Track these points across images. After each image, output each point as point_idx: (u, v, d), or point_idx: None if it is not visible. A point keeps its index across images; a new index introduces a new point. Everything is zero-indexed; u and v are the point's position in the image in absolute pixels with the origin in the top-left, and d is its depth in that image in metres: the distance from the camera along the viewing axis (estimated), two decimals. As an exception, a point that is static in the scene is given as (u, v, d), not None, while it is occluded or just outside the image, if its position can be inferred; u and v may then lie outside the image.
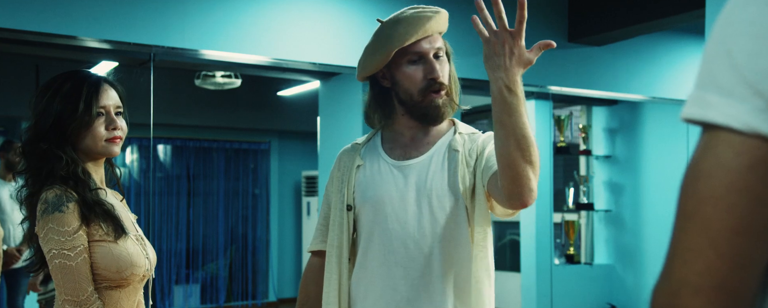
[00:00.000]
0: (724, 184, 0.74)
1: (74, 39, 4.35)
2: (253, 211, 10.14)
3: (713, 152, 0.76)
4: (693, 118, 0.78)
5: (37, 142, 2.10)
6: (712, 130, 0.76)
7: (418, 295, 2.12)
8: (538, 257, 7.23)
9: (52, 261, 1.99)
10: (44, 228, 2.00)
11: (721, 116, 0.75)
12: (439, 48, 2.18)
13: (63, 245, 1.98)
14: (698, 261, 0.75)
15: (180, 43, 4.61)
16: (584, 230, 7.92)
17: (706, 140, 0.77)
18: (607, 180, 7.88)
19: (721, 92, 0.75)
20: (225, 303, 9.82)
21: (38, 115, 2.11)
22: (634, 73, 6.45)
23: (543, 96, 6.58)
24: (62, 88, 2.12)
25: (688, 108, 0.79)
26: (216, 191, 9.89)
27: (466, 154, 2.15)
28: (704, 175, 0.76)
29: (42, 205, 2.02)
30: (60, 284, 1.98)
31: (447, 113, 2.19)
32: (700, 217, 0.75)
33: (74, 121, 2.10)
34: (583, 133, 7.84)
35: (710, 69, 0.77)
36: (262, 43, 4.86)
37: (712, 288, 0.74)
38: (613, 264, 7.82)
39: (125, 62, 5.01)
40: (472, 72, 5.67)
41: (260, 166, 10.20)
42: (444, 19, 2.22)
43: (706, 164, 0.76)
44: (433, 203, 2.14)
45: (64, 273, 1.97)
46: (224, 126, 9.68)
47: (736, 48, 0.75)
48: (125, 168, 9.45)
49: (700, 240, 0.75)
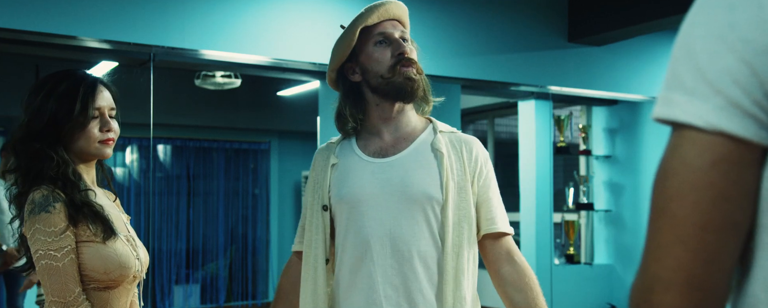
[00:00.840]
0: (688, 181, 0.76)
1: (74, 39, 4.35)
2: (253, 211, 10.14)
3: (679, 151, 0.78)
4: (660, 118, 0.81)
5: (30, 141, 2.08)
6: (678, 128, 0.79)
7: (397, 294, 2.10)
8: (538, 257, 7.23)
9: (38, 262, 1.98)
10: (31, 229, 1.99)
11: (684, 114, 0.78)
12: (403, 31, 2.15)
13: (49, 245, 1.97)
14: (668, 258, 0.77)
15: (180, 43, 4.61)
16: (584, 230, 7.92)
17: (673, 139, 0.80)
18: (607, 180, 7.88)
19: (685, 91, 0.78)
20: (225, 303, 9.82)
21: (32, 114, 2.09)
22: (634, 73, 6.46)
23: (543, 96, 6.59)
24: (58, 88, 2.10)
25: (657, 107, 0.82)
26: (216, 191, 9.89)
27: (452, 159, 2.12)
28: (670, 173, 0.79)
29: (29, 206, 2.01)
30: (47, 285, 1.97)
31: (419, 89, 2.15)
32: (668, 214, 0.78)
33: (69, 122, 2.08)
34: (583, 133, 7.84)
35: (675, 69, 0.80)
36: (262, 43, 4.86)
37: (683, 283, 0.75)
38: (613, 264, 7.82)
39: (125, 62, 5.01)
40: (471, 72, 5.67)
41: (260, 166, 10.20)
42: (404, 10, 2.19)
43: (672, 162, 0.79)
44: (411, 202, 2.10)
45: (50, 273, 1.96)
46: (224, 126, 9.68)
47: (697, 48, 0.78)
48: (125, 168, 9.46)
49: (669, 236, 0.77)
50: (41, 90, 2.10)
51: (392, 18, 2.17)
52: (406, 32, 2.17)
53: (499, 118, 9.81)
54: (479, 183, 2.11)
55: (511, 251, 2.13)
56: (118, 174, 9.38)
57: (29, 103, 2.11)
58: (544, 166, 7.06)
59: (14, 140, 2.11)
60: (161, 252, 9.30)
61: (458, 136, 2.18)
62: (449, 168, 2.10)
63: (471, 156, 2.13)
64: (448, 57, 5.53)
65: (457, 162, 2.12)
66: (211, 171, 9.89)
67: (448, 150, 2.13)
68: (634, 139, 7.66)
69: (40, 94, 2.10)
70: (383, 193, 2.13)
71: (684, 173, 0.77)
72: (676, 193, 0.77)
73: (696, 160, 0.76)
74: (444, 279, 2.09)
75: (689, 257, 0.75)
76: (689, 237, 0.75)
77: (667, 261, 0.76)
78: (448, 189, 2.08)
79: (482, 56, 5.70)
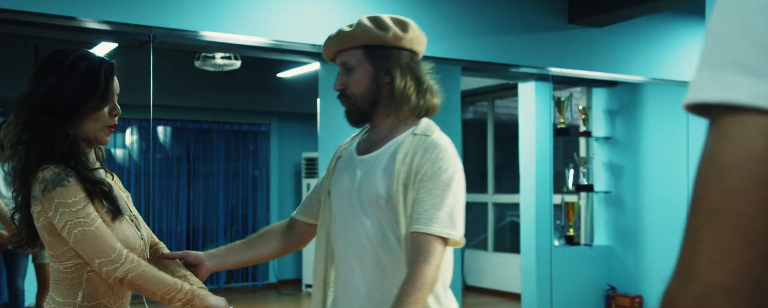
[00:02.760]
0: (756, 175, 0.67)
1: (74, 20, 4.34)
2: (253, 193, 10.15)
3: (740, 141, 0.68)
4: (711, 101, 0.70)
5: (42, 116, 2.07)
6: (733, 114, 0.69)
7: (368, 288, 2.23)
8: (537, 238, 7.24)
9: (71, 234, 1.98)
10: (52, 206, 1.99)
11: (750, 97, 0.67)
12: (342, 62, 2.32)
13: (76, 215, 1.98)
14: (732, 261, 0.67)
15: (180, 24, 4.60)
16: (584, 211, 7.93)
17: (728, 127, 0.69)
18: (607, 161, 7.88)
19: (745, 71, 0.68)
20: (225, 284, 9.85)
21: (48, 90, 2.06)
22: (634, 55, 6.44)
23: (543, 77, 6.58)
24: (77, 67, 2.09)
25: (698, 91, 0.72)
26: (216, 173, 9.90)
27: (408, 160, 2.19)
28: (732, 167, 0.68)
29: (40, 185, 2.00)
30: (88, 251, 1.99)
31: (353, 119, 2.34)
32: (731, 214, 0.68)
33: (88, 102, 2.09)
34: (583, 114, 7.84)
35: (725, 49, 0.70)
36: (261, 25, 4.85)
37: (748, 290, 0.67)
38: (613, 246, 7.84)
39: (125, 43, 5.00)
40: (471, 54, 5.66)
41: (260, 148, 10.20)
42: (332, 44, 2.35)
43: (733, 154, 0.68)
44: (368, 201, 2.22)
45: (86, 239, 1.98)
46: (224, 107, 9.68)
47: (757, 23, 0.68)
48: (125, 150, 9.46)
49: (734, 238, 0.67)
50: (58, 67, 2.09)
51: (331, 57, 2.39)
52: (345, 61, 2.31)
53: (499, 100, 9.80)
54: (419, 182, 2.15)
55: (420, 253, 2.09)
56: (118, 156, 9.38)
57: (44, 79, 2.08)
58: (544, 148, 7.05)
59: (24, 114, 2.09)
60: (161, 234, 9.31)
61: (425, 140, 2.23)
62: (401, 168, 2.18)
63: (423, 158, 2.18)
64: (448, 39, 5.52)
65: (412, 162, 2.18)
66: (211, 152, 9.90)
67: (408, 151, 2.20)
68: (635, 120, 7.66)
69: (57, 72, 2.08)
70: (351, 191, 2.28)
71: (750, 166, 0.67)
72: (740, 189, 0.67)
73: (765, 150, 0.66)
74: (396, 271, 2.17)
75: (757, 259, 0.67)
76: (759, 237, 0.66)
77: (730, 265, 0.67)
78: (397, 188, 2.16)
79: (482, 38, 5.69)
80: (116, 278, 1.99)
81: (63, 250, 2.05)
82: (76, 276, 2.07)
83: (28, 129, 2.07)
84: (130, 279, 2.00)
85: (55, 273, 2.11)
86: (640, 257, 7.59)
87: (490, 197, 9.72)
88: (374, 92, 2.27)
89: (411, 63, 2.28)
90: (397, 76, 2.24)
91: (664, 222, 7.24)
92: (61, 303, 2.07)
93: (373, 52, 2.26)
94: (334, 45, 2.33)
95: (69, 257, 2.06)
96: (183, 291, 2.07)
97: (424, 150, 2.19)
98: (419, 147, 2.20)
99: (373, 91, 2.27)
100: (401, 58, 2.26)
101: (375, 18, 2.28)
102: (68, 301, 2.07)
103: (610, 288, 7.69)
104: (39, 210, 2.02)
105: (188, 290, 2.08)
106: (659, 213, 7.39)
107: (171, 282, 2.06)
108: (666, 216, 7.23)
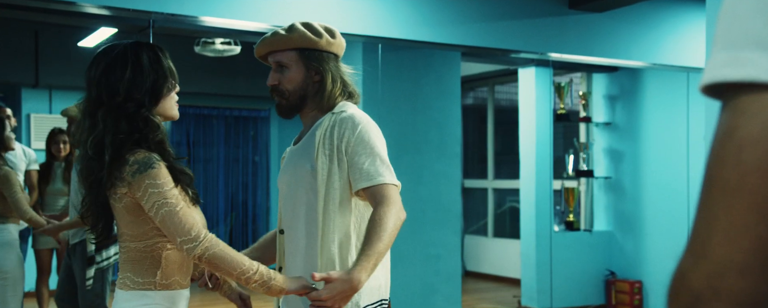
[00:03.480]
0: None
1: (73, 5, 4.33)
2: (253, 178, 10.16)
3: (759, 117, 0.67)
4: (730, 80, 0.69)
5: (130, 108, 2.23)
6: (753, 92, 0.68)
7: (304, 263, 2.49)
8: (537, 224, 7.26)
9: (157, 214, 2.14)
10: (142, 187, 2.14)
11: (766, 73, 0.66)
12: (277, 61, 2.59)
13: (164, 195, 2.14)
14: (746, 239, 0.67)
15: (179, 9, 4.59)
16: (584, 197, 7.94)
17: (745, 104, 0.68)
18: (607, 147, 7.89)
19: (761, 48, 0.67)
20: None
21: (129, 84, 2.23)
22: (634, 40, 6.43)
23: (543, 63, 6.57)
24: (141, 58, 2.28)
25: (716, 70, 0.70)
26: (216, 158, 9.91)
27: (327, 135, 2.48)
28: (748, 143, 0.67)
29: (131, 167, 2.15)
30: (171, 230, 2.14)
31: (284, 112, 2.63)
32: (746, 190, 0.67)
33: (166, 85, 2.33)
34: (583, 100, 7.84)
35: (742, 27, 0.69)
36: (261, 10, 4.84)
37: (762, 267, 0.67)
38: (613, 231, 7.86)
39: (124, 29, 4.99)
40: (471, 39, 5.65)
41: (260, 134, 10.20)
42: (264, 45, 2.59)
43: (750, 130, 0.67)
44: (301, 178, 2.51)
45: (171, 218, 2.13)
46: (224, 93, 9.67)
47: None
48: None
49: (749, 215, 0.67)
50: (123, 61, 2.25)
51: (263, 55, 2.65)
52: (279, 60, 2.58)
53: (499, 86, 9.79)
54: (348, 150, 2.44)
55: (379, 199, 2.36)
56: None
57: (120, 77, 2.23)
58: (544, 133, 7.06)
59: (104, 111, 2.22)
60: (162, 219, 9.32)
61: (340, 115, 2.52)
62: (321, 141, 2.48)
63: (340, 130, 2.47)
64: (448, 24, 5.52)
65: (330, 136, 2.47)
66: (211, 138, 9.90)
67: (326, 127, 2.50)
68: (635, 105, 7.66)
69: (127, 66, 2.24)
70: (290, 177, 2.60)
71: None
72: (757, 166, 0.66)
73: None
74: (318, 235, 2.45)
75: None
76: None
77: (744, 242, 0.67)
78: (317, 159, 2.46)
79: (482, 23, 5.68)
80: (195, 255, 2.14)
81: (145, 230, 2.21)
82: (156, 256, 2.24)
83: (115, 124, 2.21)
84: (207, 257, 2.14)
85: (131, 253, 2.25)
86: (639, 242, 7.60)
87: (490, 183, 9.73)
88: (304, 89, 2.57)
89: (337, 65, 2.59)
90: (328, 76, 2.55)
91: (664, 207, 7.26)
92: (140, 282, 2.23)
93: (307, 54, 2.55)
94: (269, 46, 2.58)
95: (150, 236, 2.22)
96: (259, 273, 2.19)
97: (340, 123, 2.48)
98: (335, 122, 2.49)
99: (303, 88, 2.57)
100: (329, 61, 2.57)
101: (308, 24, 2.56)
102: (147, 280, 2.23)
103: (609, 273, 7.72)
104: (125, 192, 2.17)
105: (264, 272, 2.20)
106: (659, 198, 7.40)
107: (247, 263, 2.19)
108: (666, 202, 7.24)
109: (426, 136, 6.26)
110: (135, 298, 2.23)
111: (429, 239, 6.34)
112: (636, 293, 7.46)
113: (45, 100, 8.19)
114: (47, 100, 8.20)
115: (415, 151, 6.22)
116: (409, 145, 6.18)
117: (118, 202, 2.20)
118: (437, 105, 6.34)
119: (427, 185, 6.30)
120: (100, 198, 2.23)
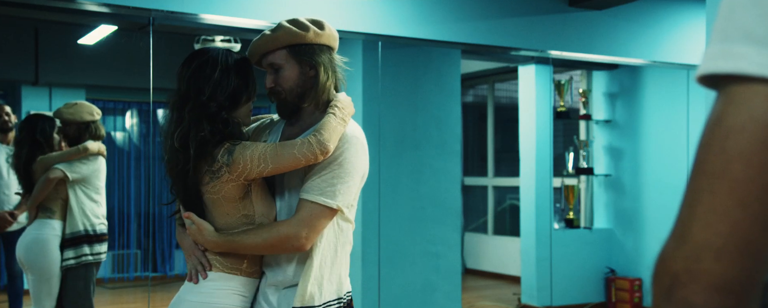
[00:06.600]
0: (758, 140, 0.69)
1: (73, 2, 4.33)
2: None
3: (745, 106, 0.70)
4: (721, 72, 0.72)
5: (212, 107, 2.38)
6: (742, 83, 0.71)
7: (287, 262, 2.48)
8: (537, 222, 7.26)
9: (268, 162, 2.30)
10: (241, 160, 2.30)
11: (755, 66, 0.69)
12: (270, 64, 2.55)
13: (261, 147, 2.32)
14: (723, 223, 0.70)
15: (179, 6, 4.59)
16: (584, 195, 7.94)
17: (734, 94, 0.71)
18: (606, 144, 7.89)
19: (753, 42, 0.70)
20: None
21: (215, 86, 2.40)
22: (634, 37, 6.43)
23: (543, 60, 6.57)
24: (232, 64, 2.46)
25: (710, 62, 0.73)
26: (216, 156, 9.89)
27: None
28: (734, 131, 0.70)
29: (224, 154, 2.32)
30: (277, 157, 2.32)
31: (285, 112, 2.58)
32: (728, 177, 0.70)
33: (245, 94, 2.48)
34: (583, 97, 7.83)
35: (736, 20, 0.72)
36: (261, 7, 4.84)
37: (736, 250, 0.69)
38: (613, 229, 7.86)
39: (124, 26, 4.99)
40: (471, 37, 5.65)
41: (260, 131, 10.20)
42: (258, 45, 2.56)
43: (736, 119, 0.70)
44: (286, 183, 2.51)
45: (277, 152, 2.31)
46: (224, 90, 9.66)
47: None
48: (125, 133, 9.45)
49: (729, 200, 0.70)
50: (214, 64, 2.43)
51: (257, 60, 2.60)
52: (272, 62, 2.54)
53: (499, 83, 9.79)
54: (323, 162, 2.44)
55: (295, 213, 2.38)
56: (117, 139, 9.38)
57: (207, 78, 2.41)
58: (544, 131, 7.06)
59: (191, 107, 2.38)
60: (162, 217, 9.31)
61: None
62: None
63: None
64: (448, 21, 5.51)
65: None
66: (211, 135, 9.88)
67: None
68: (635, 103, 7.66)
69: (217, 68, 2.42)
70: (285, 177, 2.57)
71: (752, 130, 0.69)
72: (740, 153, 0.69)
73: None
74: (301, 255, 2.48)
75: (748, 221, 0.68)
76: (753, 200, 0.68)
77: (721, 227, 0.69)
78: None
79: (482, 21, 5.67)
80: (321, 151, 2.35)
81: (237, 217, 2.39)
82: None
83: (198, 121, 2.36)
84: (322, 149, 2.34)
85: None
86: (639, 240, 7.60)
87: (490, 180, 9.73)
88: (301, 86, 2.53)
89: (330, 57, 2.55)
90: (322, 69, 2.51)
91: (664, 204, 7.25)
92: (230, 268, 2.41)
93: (297, 50, 2.51)
94: (259, 48, 2.55)
95: (242, 223, 2.39)
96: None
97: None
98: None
99: (300, 84, 2.52)
100: (322, 53, 2.53)
101: (294, 20, 2.53)
102: (236, 266, 2.42)
103: (609, 271, 7.72)
104: (225, 179, 2.34)
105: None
106: (659, 196, 7.40)
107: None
108: (666, 199, 7.24)
109: (426, 133, 6.26)
110: (221, 279, 2.42)
111: (429, 236, 6.34)
112: (636, 290, 7.46)
113: (45, 97, 8.18)
114: (47, 97, 8.20)
115: (415, 148, 6.22)
116: (409, 142, 6.18)
117: (216, 194, 2.36)
118: (437, 102, 6.33)
119: (427, 182, 6.30)
120: (190, 189, 2.38)
